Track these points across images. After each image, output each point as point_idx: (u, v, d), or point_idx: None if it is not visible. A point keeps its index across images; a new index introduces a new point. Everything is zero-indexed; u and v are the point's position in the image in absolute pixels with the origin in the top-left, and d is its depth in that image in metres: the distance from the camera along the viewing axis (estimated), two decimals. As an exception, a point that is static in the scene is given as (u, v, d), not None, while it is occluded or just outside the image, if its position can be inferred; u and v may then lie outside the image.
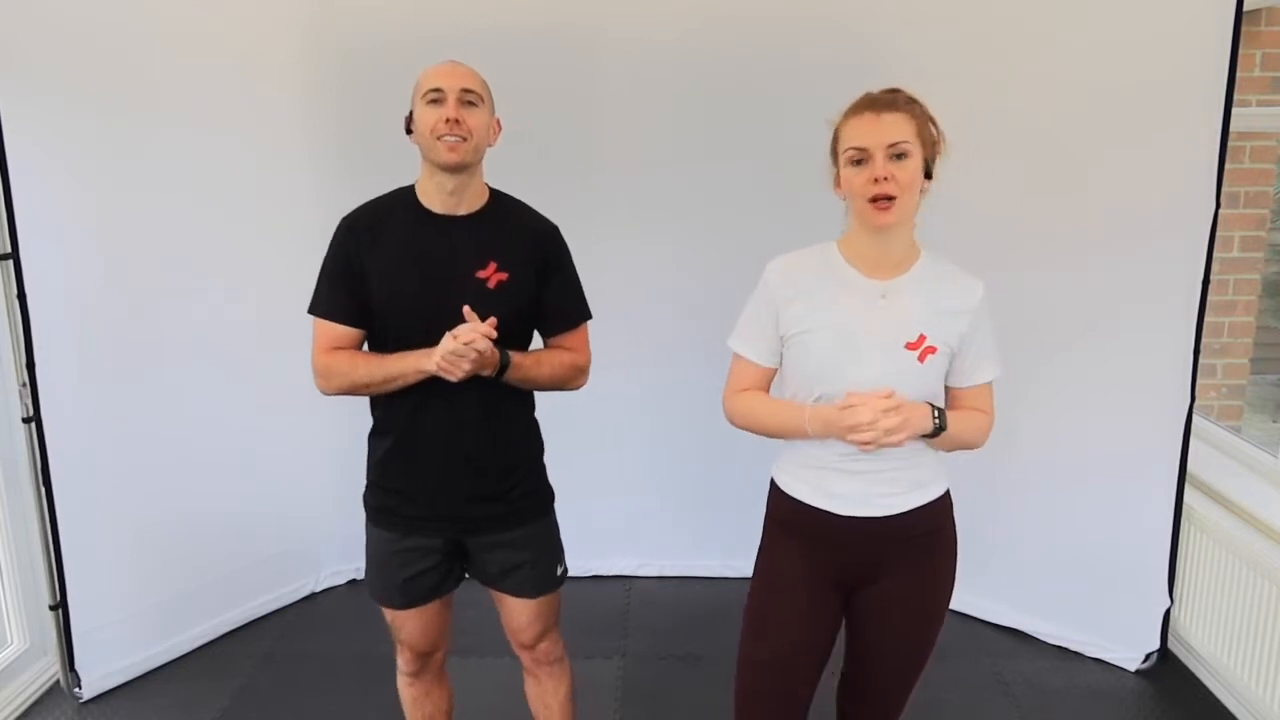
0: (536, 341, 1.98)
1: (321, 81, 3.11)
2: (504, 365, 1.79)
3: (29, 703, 2.75)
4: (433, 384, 1.79)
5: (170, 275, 2.87)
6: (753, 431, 1.76)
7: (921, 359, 1.63)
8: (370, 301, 1.83)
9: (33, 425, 2.60)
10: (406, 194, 1.88)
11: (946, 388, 1.73)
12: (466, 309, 1.72)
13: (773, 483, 1.80)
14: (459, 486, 1.89)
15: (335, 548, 3.44)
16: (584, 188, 3.14)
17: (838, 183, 1.66)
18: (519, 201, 1.95)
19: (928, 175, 1.64)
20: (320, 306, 1.87)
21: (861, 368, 1.62)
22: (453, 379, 1.73)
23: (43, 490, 2.64)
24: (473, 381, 1.78)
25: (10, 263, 2.52)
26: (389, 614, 2.00)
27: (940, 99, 2.94)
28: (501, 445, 1.91)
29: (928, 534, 1.73)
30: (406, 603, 1.97)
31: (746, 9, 3.01)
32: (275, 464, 3.21)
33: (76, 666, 2.76)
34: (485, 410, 1.86)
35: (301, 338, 3.25)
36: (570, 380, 1.95)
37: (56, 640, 2.74)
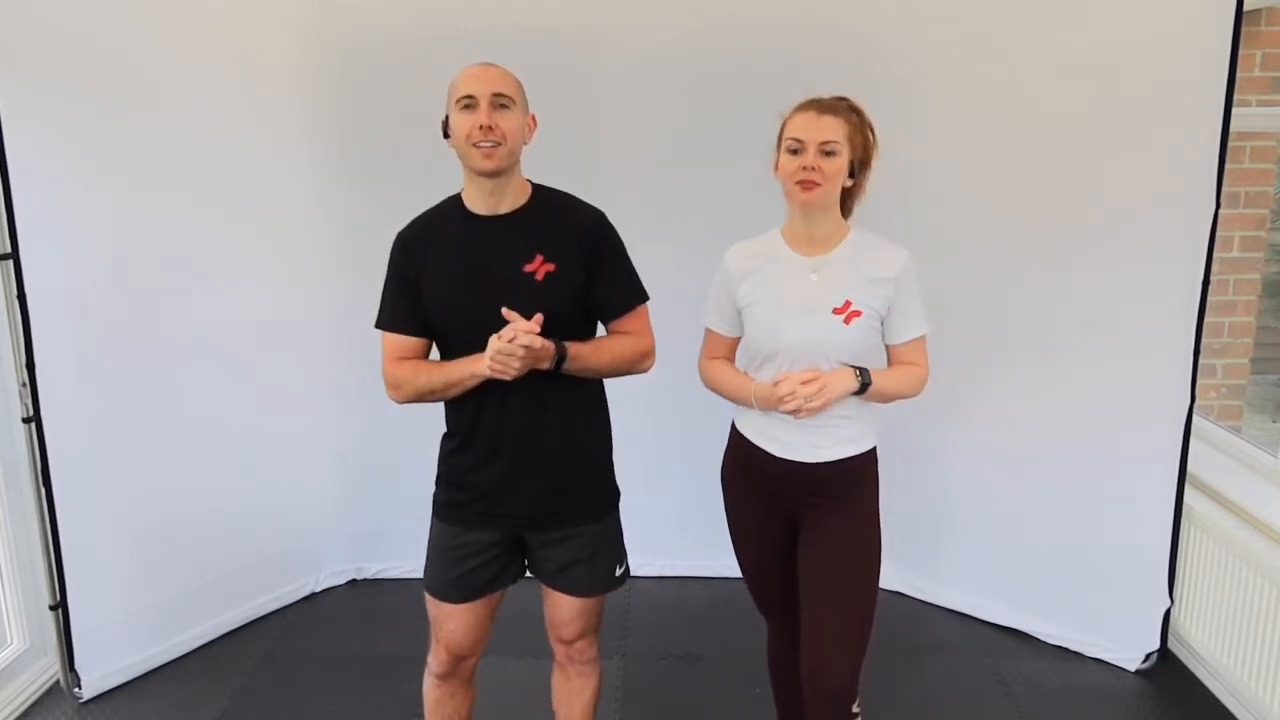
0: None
1: (321, 82, 3.11)
2: (561, 357, 1.81)
3: (29, 703, 2.75)
4: (491, 382, 1.81)
5: (170, 275, 2.87)
6: (716, 394, 2.07)
7: (847, 321, 1.90)
8: (427, 309, 1.88)
9: (33, 425, 2.60)
10: (454, 201, 1.92)
11: (886, 346, 1.98)
12: (505, 310, 1.74)
13: (733, 424, 2.11)
14: (519, 481, 1.91)
15: (335, 548, 3.44)
16: (584, 188, 3.11)
17: (777, 166, 1.93)
18: (561, 192, 1.97)
19: (851, 174, 1.91)
20: (384, 320, 1.93)
21: (795, 330, 1.91)
22: (507, 378, 1.75)
23: (43, 490, 2.64)
24: (529, 376, 1.79)
25: (10, 263, 2.52)
26: (434, 610, 2.01)
27: (940, 99, 2.97)
28: (559, 439, 1.92)
29: (850, 481, 1.98)
30: (460, 597, 1.98)
31: (746, 9, 3.01)
32: (275, 464, 3.21)
33: (76, 666, 2.76)
34: (541, 404, 1.88)
35: (303, 338, 3.26)
36: (636, 364, 1.98)
37: (56, 640, 2.74)
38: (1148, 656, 2.91)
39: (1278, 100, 4.04)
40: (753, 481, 2.05)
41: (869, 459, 2.01)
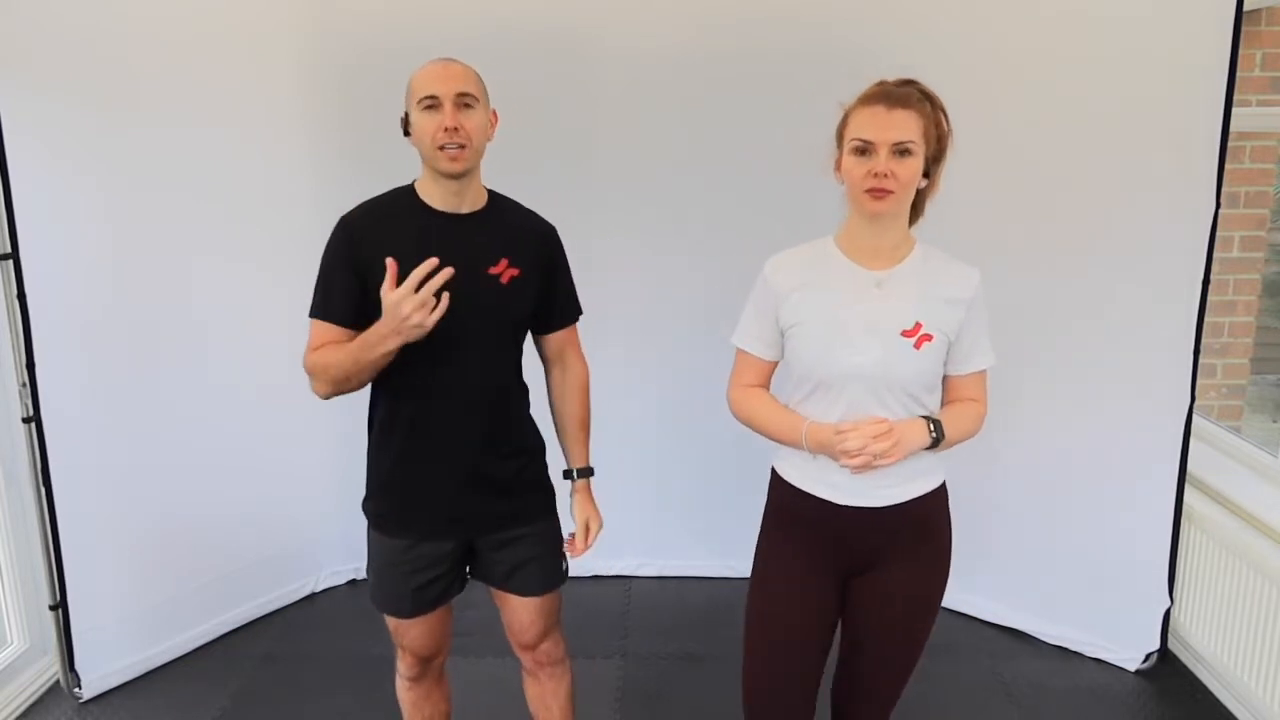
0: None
1: (322, 84, 3.11)
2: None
3: (29, 703, 2.75)
4: (434, 385, 1.79)
5: (170, 275, 2.87)
6: (752, 430, 1.80)
7: (918, 346, 1.65)
8: (376, 301, 1.77)
9: (33, 425, 2.60)
10: (406, 193, 1.86)
11: (945, 375, 1.75)
12: (433, 260, 1.63)
13: (774, 471, 1.83)
14: (473, 485, 1.89)
15: (335, 548, 3.44)
16: (585, 189, 3.14)
17: (838, 166, 1.68)
18: (514, 201, 1.96)
19: (926, 174, 1.66)
20: (321, 308, 1.82)
21: (857, 354, 1.65)
22: (425, 329, 1.64)
23: (43, 490, 2.64)
24: (474, 380, 1.79)
25: (10, 263, 2.52)
26: (393, 623, 1.99)
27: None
28: (506, 442, 1.91)
29: (923, 525, 1.76)
30: (415, 611, 1.95)
31: (746, 11, 3.01)
32: (275, 464, 3.21)
33: (76, 666, 2.76)
34: (487, 408, 1.87)
35: (303, 338, 3.24)
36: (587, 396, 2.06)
37: (56, 640, 2.74)
38: (1148, 656, 2.91)
39: (1278, 100, 4.04)
40: (801, 535, 1.75)
41: (941, 495, 1.76)
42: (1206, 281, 2.67)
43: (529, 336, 1.99)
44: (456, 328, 1.71)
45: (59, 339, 2.62)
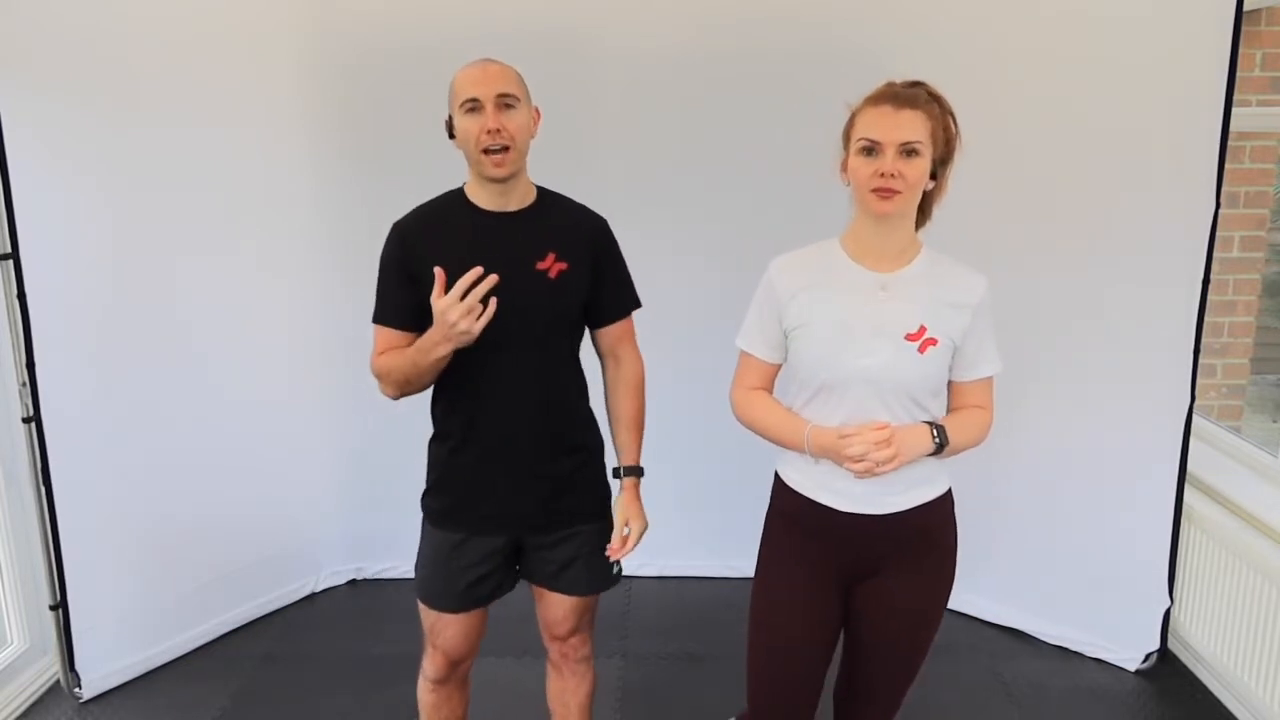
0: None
1: (322, 83, 3.11)
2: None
3: (29, 703, 2.75)
4: (487, 382, 1.82)
5: (170, 276, 2.86)
6: (755, 433, 1.80)
7: (922, 350, 1.65)
8: (428, 304, 1.78)
9: (33, 425, 2.60)
10: (456, 195, 1.88)
11: (950, 381, 1.75)
12: (478, 271, 1.65)
13: (777, 476, 1.83)
14: (529, 481, 1.89)
15: (335, 548, 3.44)
16: (585, 189, 3.12)
17: (844, 167, 1.68)
18: (565, 196, 1.96)
19: (933, 176, 1.66)
20: (382, 313, 1.86)
21: (860, 357, 1.65)
22: (472, 336, 1.67)
23: (43, 490, 2.64)
24: (526, 376, 1.81)
25: (10, 263, 2.52)
26: (431, 619, 1.98)
27: (940, 99, 2.95)
28: (560, 439, 1.92)
29: (927, 533, 1.75)
30: (463, 607, 1.95)
31: (746, 11, 3.01)
32: (275, 464, 3.21)
33: (76, 666, 2.76)
34: (545, 401, 1.88)
35: (303, 338, 3.25)
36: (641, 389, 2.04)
37: (56, 640, 2.74)
38: (1148, 656, 2.91)
39: (1278, 100, 4.05)
40: (803, 542, 1.75)
41: (946, 501, 1.76)
42: (1206, 281, 2.67)
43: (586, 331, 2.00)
44: (508, 325, 1.73)
45: (59, 339, 2.62)
